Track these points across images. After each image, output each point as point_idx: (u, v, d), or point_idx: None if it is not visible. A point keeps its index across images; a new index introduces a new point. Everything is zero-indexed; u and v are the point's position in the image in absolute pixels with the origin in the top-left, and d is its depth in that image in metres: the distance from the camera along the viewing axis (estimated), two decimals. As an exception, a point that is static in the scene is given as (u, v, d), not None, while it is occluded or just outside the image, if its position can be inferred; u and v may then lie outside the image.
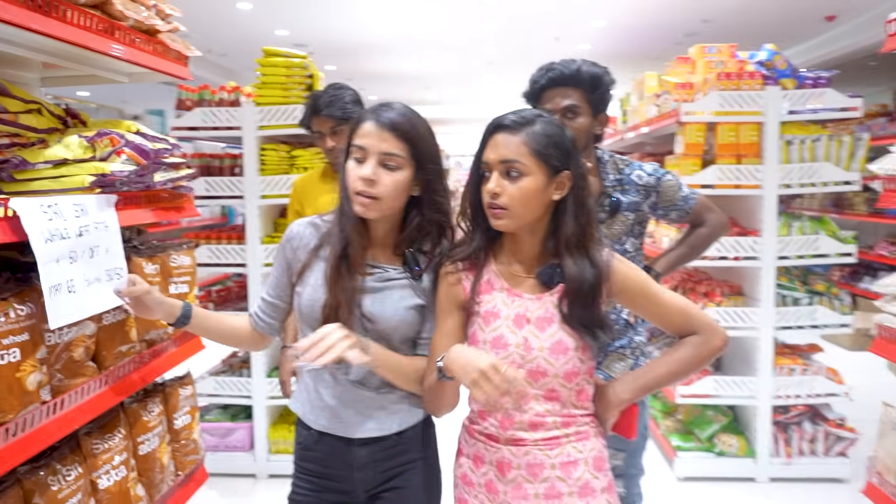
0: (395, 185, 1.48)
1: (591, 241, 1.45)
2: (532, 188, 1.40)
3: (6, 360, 1.25)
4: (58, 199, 1.40)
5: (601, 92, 2.03)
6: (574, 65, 2.00)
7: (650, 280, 1.50)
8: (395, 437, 1.58)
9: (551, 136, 1.41)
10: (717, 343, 1.47)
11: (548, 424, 1.45)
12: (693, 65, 4.29)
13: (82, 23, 1.49)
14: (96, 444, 1.59)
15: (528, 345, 1.44)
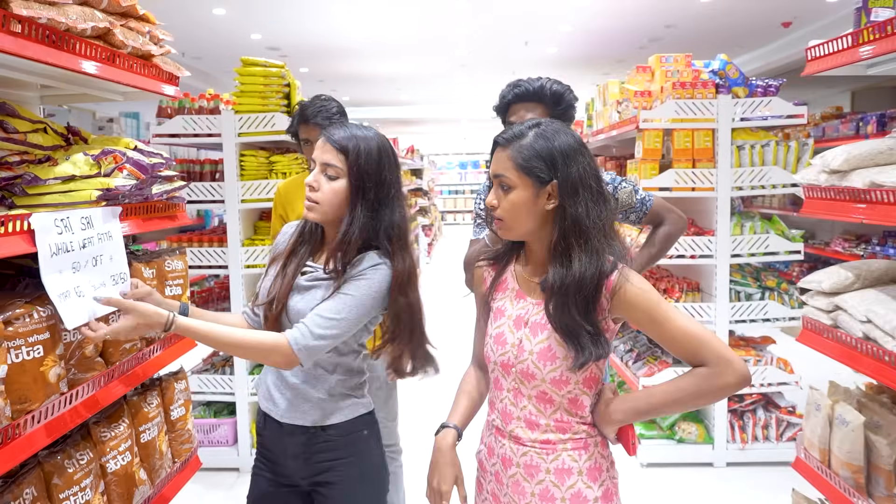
0: (333, 193, 1.66)
1: (582, 250, 1.41)
2: (519, 201, 1.44)
3: (31, 355, 1.41)
4: (69, 213, 1.56)
5: (563, 107, 2.15)
6: (538, 82, 2.15)
7: (660, 302, 1.40)
8: (320, 430, 1.72)
9: (537, 149, 1.43)
10: (729, 379, 1.34)
11: (542, 426, 1.47)
12: (652, 73, 4.53)
13: (89, 53, 1.66)
14: (104, 432, 1.76)
15: (521, 346, 1.48)
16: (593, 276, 1.40)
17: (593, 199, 1.43)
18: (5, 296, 1.47)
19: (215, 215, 8.22)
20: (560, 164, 1.42)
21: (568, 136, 1.46)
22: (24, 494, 1.45)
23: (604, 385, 1.53)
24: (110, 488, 1.75)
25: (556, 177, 1.42)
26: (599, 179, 1.46)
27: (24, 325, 1.41)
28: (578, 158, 1.43)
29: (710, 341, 1.37)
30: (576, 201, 1.41)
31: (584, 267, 1.40)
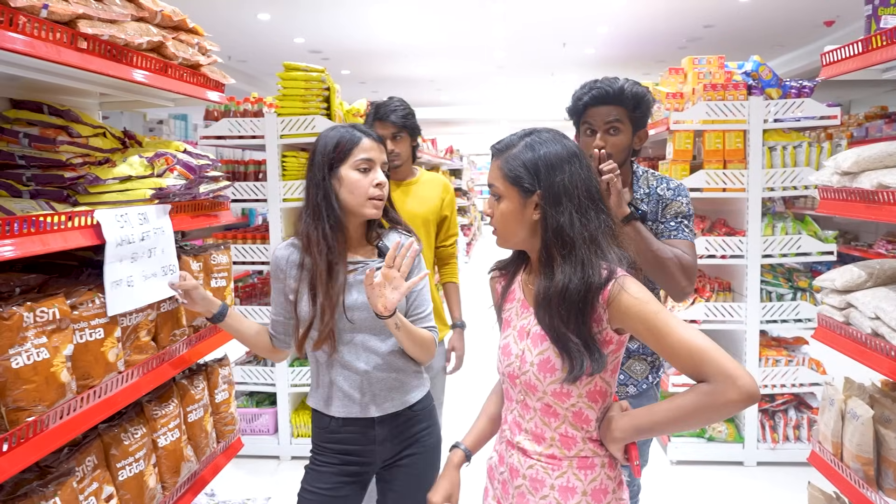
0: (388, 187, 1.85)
1: (565, 260, 1.39)
2: (507, 210, 1.46)
3: (94, 336, 1.58)
4: (128, 209, 1.73)
5: (642, 110, 2.09)
6: (618, 83, 2.07)
7: (659, 312, 1.34)
8: (408, 410, 1.89)
9: (523, 160, 1.43)
10: (731, 395, 1.24)
11: (547, 440, 1.46)
12: (684, 75, 4.57)
13: (144, 65, 1.82)
14: (155, 410, 1.93)
15: (523, 358, 1.46)
16: (578, 288, 1.36)
17: (580, 209, 1.41)
18: (70, 283, 1.64)
19: (259, 214, 8.49)
20: (543, 174, 1.41)
21: (557, 145, 1.45)
22: (87, 462, 1.62)
23: (614, 401, 1.49)
24: (161, 461, 1.92)
25: (540, 187, 1.41)
26: (591, 188, 1.44)
27: (88, 309, 1.58)
28: (565, 168, 1.41)
29: (713, 355, 1.27)
30: (558, 211, 1.40)
31: (567, 278, 1.37)
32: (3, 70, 1.57)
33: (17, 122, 1.91)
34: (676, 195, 2.17)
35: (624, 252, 1.44)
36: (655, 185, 2.19)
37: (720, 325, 4.03)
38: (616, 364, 1.47)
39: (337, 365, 1.85)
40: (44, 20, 1.43)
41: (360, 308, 1.81)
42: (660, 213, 2.17)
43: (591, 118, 2.08)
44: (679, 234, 2.14)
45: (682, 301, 2.10)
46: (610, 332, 1.40)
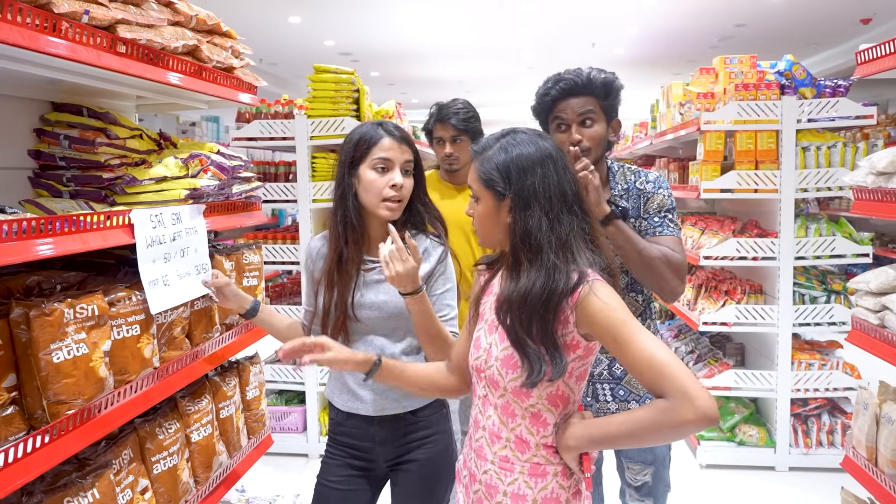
0: (412, 188, 1.84)
1: (531, 264, 1.37)
2: (484, 213, 1.46)
3: (130, 333, 1.63)
4: (162, 209, 1.77)
5: (612, 97, 2.01)
6: (584, 73, 1.99)
7: (626, 321, 1.31)
8: (409, 415, 1.87)
9: (495, 162, 1.42)
10: (687, 415, 1.20)
11: (503, 440, 1.44)
12: (716, 75, 4.52)
13: (180, 68, 1.87)
14: (189, 406, 1.97)
15: (489, 352, 1.45)
16: (540, 294, 1.34)
17: (551, 212, 1.38)
18: (108, 281, 1.69)
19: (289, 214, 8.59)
20: (514, 177, 1.39)
21: (531, 146, 1.42)
22: (123, 455, 1.67)
23: (579, 409, 1.46)
24: (193, 456, 1.96)
25: (511, 190, 1.40)
26: (565, 190, 1.40)
27: (125, 306, 1.62)
28: (536, 170, 1.39)
29: (672, 371, 1.23)
30: (526, 215, 1.38)
31: (530, 283, 1.35)
32: (46, 74, 1.63)
33: (58, 125, 1.97)
34: (657, 188, 2.07)
35: (598, 256, 1.41)
36: (633, 179, 2.10)
37: (751, 327, 3.98)
38: (583, 372, 1.44)
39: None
40: (85, 25, 1.47)
41: (370, 307, 1.82)
42: (641, 208, 2.07)
43: (562, 112, 1.98)
44: (664, 229, 2.04)
45: (675, 301, 2.05)
46: (576, 337, 1.37)
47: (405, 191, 1.81)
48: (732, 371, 4.02)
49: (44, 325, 1.37)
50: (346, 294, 1.81)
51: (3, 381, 1.37)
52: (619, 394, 2.10)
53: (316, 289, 1.89)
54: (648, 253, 1.92)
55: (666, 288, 1.96)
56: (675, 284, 1.95)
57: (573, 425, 1.39)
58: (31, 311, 1.36)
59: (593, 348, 1.42)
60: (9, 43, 1.26)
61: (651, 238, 2.01)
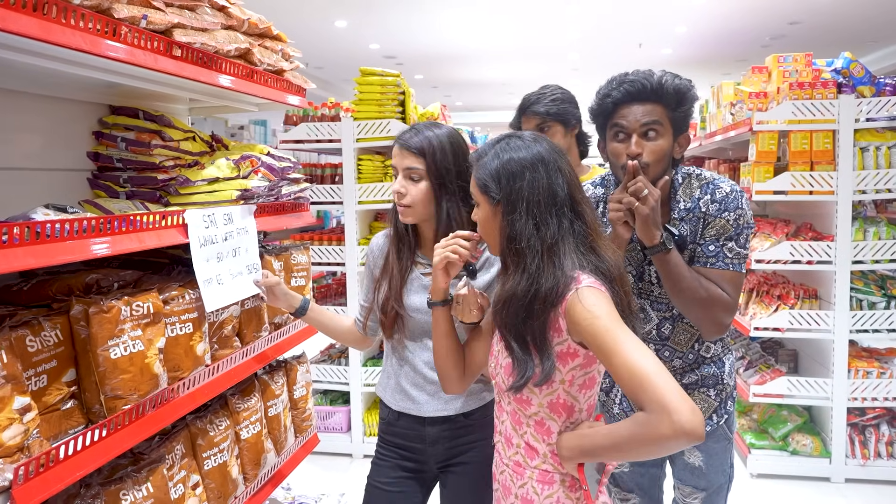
0: (420, 193, 1.78)
1: (515, 269, 1.37)
2: (483, 218, 1.46)
3: (183, 331, 1.66)
4: (214, 209, 1.81)
5: (684, 108, 1.77)
6: (654, 77, 1.75)
7: (610, 329, 1.25)
8: (461, 417, 1.87)
9: (489, 168, 1.42)
10: (663, 429, 1.14)
11: (515, 445, 1.45)
12: (768, 74, 4.41)
13: (232, 71, 1.90)
14: (238, 404, 2.00)
15: (497, 360, 1.46)
16: (524, 297, 1.33)
17: (538, 216, 1.36)
18: (162, 280, 1.73)
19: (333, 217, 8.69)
20: (504, 182, 1.39)
21: (524, 151, 1.41)
22: (175, 450, 1.70)
23: (592, 416, 1.44)
24: (243, 453, 1.99)
25: (501, 195, 1.39)
26: (554, 193, 1.37)
27: (178, 304, 1.66)
28: (526, 175, 1.37)
29: (652, 383, 1.16)
30: (512, 220, 1.37)
31: (515, 286, 1.35)
32: (104, 78, 1.67)
33: (116, 127, 2.03)
34: (721, 211, 1.79)
35: (592, 258, 1.37)
36: (699, 195, 1.83)
37: (805, 333, 3.86)
38: (588, 380, 1.40)
39: (400, 358, 1.90)
40: (142, 29, 1.51)
41: (423, 311, 1.82)
42: (699, 232, 1.82)
43: (623, 119, 1.75)
44: (718, 261, 1.79)
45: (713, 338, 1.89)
46: (572, 345, 1.35)
47: (408, 198, 1.78)
48: (785, 378, 3.90)
49: (102, 322, 1.40)
50: (396, 290, 1.83)
51: (63, 376, 1.42)
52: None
53: (375, 285, 1.91)
54: (692, 294, 1.75)
55: (705, 329, 1.82)
56: (717, 328, 1.80)
57: (567, 435, 1.38)
58: (91, 308, 1.40)
59: (595, 357, 1.37)
60: (71, 47, 1.30)
61: (701, 269, 1.80)
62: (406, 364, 1.89)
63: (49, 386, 1.37)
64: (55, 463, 1.26)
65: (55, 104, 1.92)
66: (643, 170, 1.73)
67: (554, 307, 1.33)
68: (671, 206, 1.86)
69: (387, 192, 4.07)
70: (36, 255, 1.22)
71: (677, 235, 1.81)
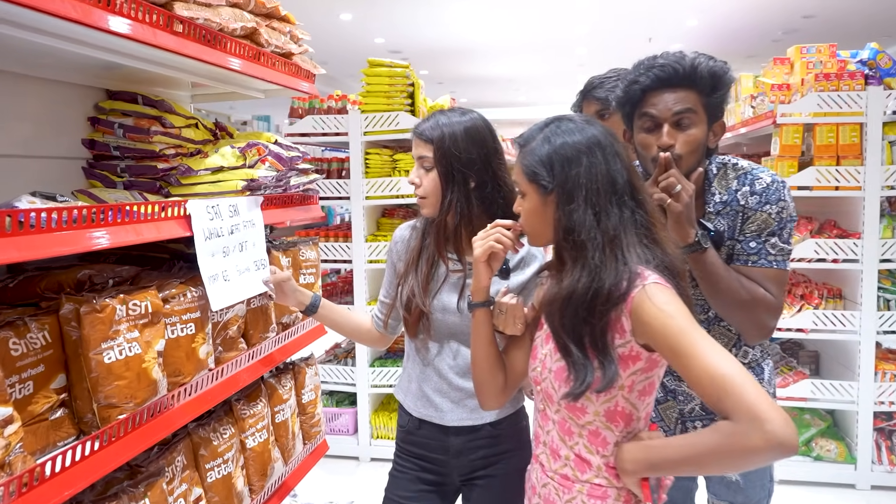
0: (431, 184, 1.67)
1: (574, 263, 1.26)
2: (530, 210, 1.35)
3: (185, 332, 1.52)
4: (218, 200, 1.67)
5: (721, 94, 1.63)
6: (687, 60, 1.60)
7: (685, 330, 1.15)
8: (488, 426, 1.73)
9: (539, 154, 1.31)
10: (755, 440, 1.03)
11: (562, 458, 1.33)
12: (790, 66, 4.26)
13: (238, 52, 1.76)
14: (244, 410, 1.86)
15: (544, 363, 1.36)
16: (584, 295, 1.22)
17: (597, 205, 1.25)
18: (162, 276, 1.59)
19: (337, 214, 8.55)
20: (558, 168, 1.28)
21: (577, 134, 1.30)
22: (176, 462, 1.56)
23: (651, 429, 1.33)
24: (248, 463, 1.85)
25: (555, 183, 1.29)
26: (614, 180, 1.26)
27: (179, 303, 1.52)
28: (582, 160, 1.27)
29: (739, 388, 1.06)
30: (569, 210, 1.26)
31: (574, 283, 1.24)
32: (98, 56, 1.53)
33: (113, 113, 1.89)
34: (762, 203, 1.64)
35: (657, 252, 1.26)
36: (736, 187, 1.68)
37: (830, 334, 3.72)
38: (648, 386, 1.29)
39: (424, 361, 1.77)
40: (140, 1, 1.37)
41: (451, 312, 1.70)
42: (738, 228, 1.68)
43: (653, 107, 1.61)
44: (761, 259, 1.64)
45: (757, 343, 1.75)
46: (635, 347, 1.24)
47: (422, 188, 1.69)
48: (809, 381, 3.76)
49: (95, 323, 1.27)
50: (425, 290, 1.71)
51: (52, 382, 1.28)
52: None
53: (399, 281, 1.78)
54: (734, 296, 1.61)
55: (748, 333, 1.69)
56: (760, 331, 1.65)
57: (631, 447, 1.27)
58: (82, 307, 1.26)
59: (658, 360, 1.27)
60: (61, 16, 1.16)
61: (741, 268, 1.65)
62: (430, 368, 1.76)
63: (35, 394, 1.24)
64: (40, 481, 1.12)
65: (46, 87, 1.78)
66: (676, 162, 1.59)
67: (617, 305, 1.22)
68: (705, 199, 1.72)
69: (395, 187, 3.93)
70: (19, 248, 1.08)
71: (713, 232, 1.66)
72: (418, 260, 1.75)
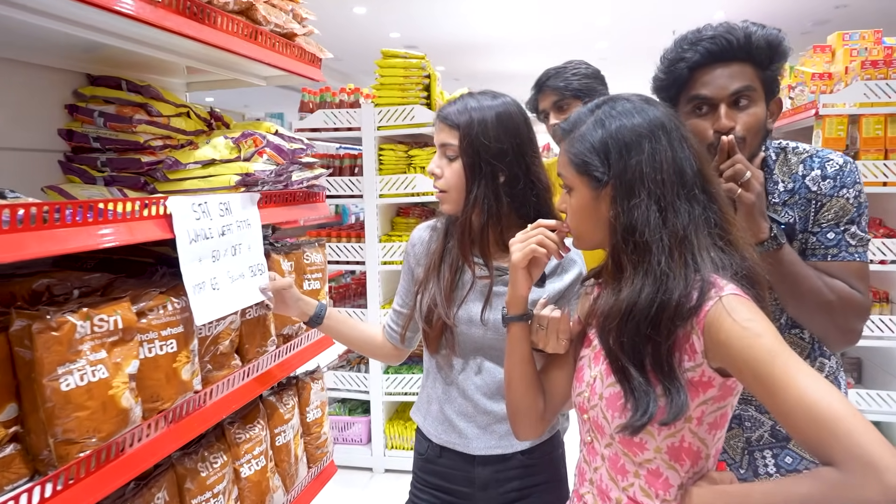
0: (454, 176, 1.45)
1: (635, 269, 1.07)
2: (579, 206, 1.15)
3: (164, 350, 1.31)
4: (206, 197, 1.46)
5: (777, 66, 1.43)
6: (739, 29, 1.40)
7: (776, 353, 0.94)
8: (520, 455, 1.51)
9: (591, 141, 1.11)
10: (868, 493, 0.84)
11: (612, 499, 1.13)
12: (832, 53, 3.99)
13: (230, 28, 1.55)
14: (239, 434, 1.65)
15: (593, 387, 1.15)
16: (648, 308, 1.03)
17: (663, 199, 1.06)
18: (141, 284, 1.38)
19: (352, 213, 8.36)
20: (615, 156, 1.09)
21: (637, 116, 1.10)
22: (157, 499, 1.35)
23: (719, 469, 1.14)
24: (244, 495, 1.63)
25: (611, 174, 1.09)
26: (682, 171, 1.07)
27: (158, 316, 1.31)
28: (643, 146, 1.07)
29: (848, 429, 0.87)
30: (630, 205, 1.07)
31: (635, 294, 1.05)
32: (70, 31, 1.33)
33: (93, 100, 1.69)
34: (838, 187, 1.44)
35: (734, 256, 1.07)
36: (802, 172, 1.48)
37: (876, 341, 3.45)
38: (720, 417, 1.08)
39: (446, 380, 1.55)
40: (109, -37, 1.17)
41: (477, 324, 1.48)
42: (811, 217, 1.47)
43: (704, 87, 1.41)
44: (842, 251, 1.43)
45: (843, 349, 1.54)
46: (708, 372, 1.03)
47: (444, 180, 1.47)
48: (853, 391, 3.50)
49: (49, 343, 1.06)
50: (448, 300, 1.50)
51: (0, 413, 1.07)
52: (784, 461, 1.55)
53: (417, 289, 1.57)
54: (816, 298, 1.39)
55: (832, 338, 1.47)
56: (848, 336, 1.44)
57: (703, 492, 1.05)
58: (35, 325, 1.06)
59: (733, 387, 1.06)
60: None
61: (819, 264, 1.45)
62: (453, 387, 1.54)
63: (-21, 427, 1.04)
64: (-26, 540, 0.92)
65: (17, 70, 1.58)
66: (738, 146, 1.38)
67: (687, 321, 1.02)
68: (767, 188, 1.51)
69: (410, 184, 3.72)
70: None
71: (784, 225, 1.46)
72: (440, 265, 1.54)
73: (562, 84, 2.21)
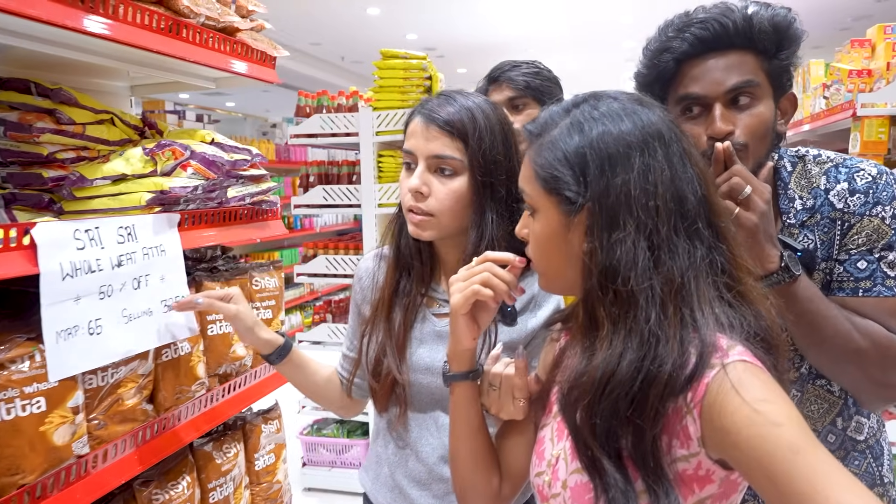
0: (452, 197, 1.18)
1: (615, 326, 0.81)
2: (544, 233, 0.89)
3: (27, 411, 1.07)
4: (99, 221, 1.22)
5: (788, 53, 1.17)
6: (737, 11, 1.15)
7: (801, 446, 0.69)
8: None
9: (564, 149, 0.85)
10: None
11: None
12: (871, 48, 3.66)
13: (139, 21, 1.31)
14: (156, 495, 1.41)
15: (555, 472, 0.91)
16: (630, 381, 0.77)
17: (655, 235, 0.80)
18: (4, 328, 1.13)
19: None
20: (594, 172, 0.83)
21: (624, 121, 0.83)
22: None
23: None
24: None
25: (588, 195, 0.83)
26: (682, 197, 0.81)
27: (21, 371, 1.07)
28: (633, 160, 0.81)
29: None
30: (611, 239, 0.81)
31: (613, 360, 0.79)
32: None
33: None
34: (871, 204, 1.15)
35: (745, 312, 0.81)
36: (825, 185, 1.19)
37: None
38: None
39: (398, 442, 1.31)
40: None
41: (436, 373, 1.22)
42: (836, 241, 1.19)
43: (695, 83, 1.15)
44: (876, 285, 1.15)
45: (880, 408, 1.23)
46: (706, 463, 0.79)
47: (433, 201, 1.18)
48: (892, 423, 3.15)
49: None
50: (401, 346, 1.26)
51: None
52: None
53: (364, 329, 1.32)
54: (844, 345, 1.11)
55: (865, 394, 1.18)
56: (886, 392, 1.15)
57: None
58: None
59: (738, 482, 0.81)
60: None
61: (848, 301, 1.16)
62: (407, 449, 1.30)
63: None
64: None
65: None
66: (738, 154, 1.12)
67: (677, 396, 0.77)
68: (780, 206, 1.23)
69: (408, 192, 3.48)
70: None
71: (800, 252, 1.17)
72: (391, 304, 1.28)
73: (521, 79, 1.95)
